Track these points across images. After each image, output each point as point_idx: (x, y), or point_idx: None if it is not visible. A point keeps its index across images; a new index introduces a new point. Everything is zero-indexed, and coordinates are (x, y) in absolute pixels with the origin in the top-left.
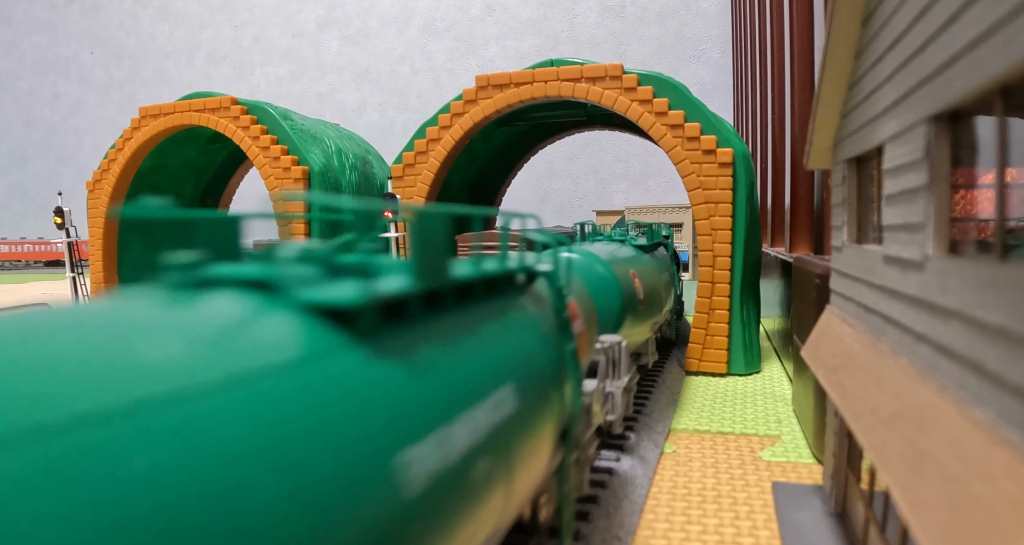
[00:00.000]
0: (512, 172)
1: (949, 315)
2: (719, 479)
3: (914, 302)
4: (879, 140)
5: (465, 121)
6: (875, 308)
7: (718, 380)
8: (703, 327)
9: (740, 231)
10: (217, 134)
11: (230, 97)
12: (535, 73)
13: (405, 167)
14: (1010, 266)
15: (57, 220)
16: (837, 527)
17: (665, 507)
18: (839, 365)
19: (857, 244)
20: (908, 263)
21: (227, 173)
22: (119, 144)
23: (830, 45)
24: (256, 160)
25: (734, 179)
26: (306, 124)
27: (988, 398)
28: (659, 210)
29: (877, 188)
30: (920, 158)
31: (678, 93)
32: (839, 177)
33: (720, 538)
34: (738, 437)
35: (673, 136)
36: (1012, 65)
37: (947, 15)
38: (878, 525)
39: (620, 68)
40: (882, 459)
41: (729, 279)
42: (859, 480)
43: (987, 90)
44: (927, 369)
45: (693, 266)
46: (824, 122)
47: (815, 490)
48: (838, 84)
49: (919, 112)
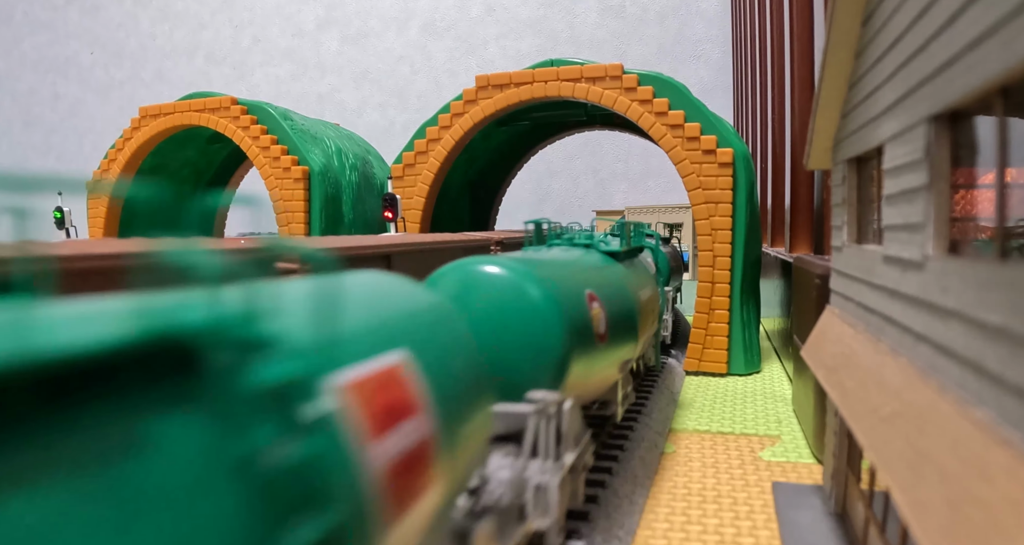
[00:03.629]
0: (512, 172)
1: (949, 315)
2: (719, 479)
3: (914, 302)
4: (879, 140)
5: (465, 121)
6: (875, 308)
7: (718, 380)
8: (703, 327)
9: (740, 231)
10: (217, 134)
11: (230, 97)
12: (535, 73)
13: (405, 167)
14: (1010, 266)
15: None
16: (837, 527)
17: (665, 507)
18: (839, 365)
19: (857, 244)
20: (908, 263)
21: (227, 173)
22: (119, 144)
23: (830, 45)
24: (256, 160)
25: (734, 179)
26: (306, 124)
27: (988, 398)
28: (659, 210)
29: (877, 188)
30: (920, 158)
31: (678, 93)
32: (839, 177)
33: (720, 538)
34: (738, 437)
35: (673, 136)
36: (1012, 65)
37: (947, 15)
38: (878, 525)
39: (620, 68)
40: (882, 459)
41: (729, 279)
42: (859, 480)
43: (987, 90)
44: (927, 369)
45: (693, 266)
46: (824, 122)
47: (815, 490)
48: (838, 84)
49: (919, 112)
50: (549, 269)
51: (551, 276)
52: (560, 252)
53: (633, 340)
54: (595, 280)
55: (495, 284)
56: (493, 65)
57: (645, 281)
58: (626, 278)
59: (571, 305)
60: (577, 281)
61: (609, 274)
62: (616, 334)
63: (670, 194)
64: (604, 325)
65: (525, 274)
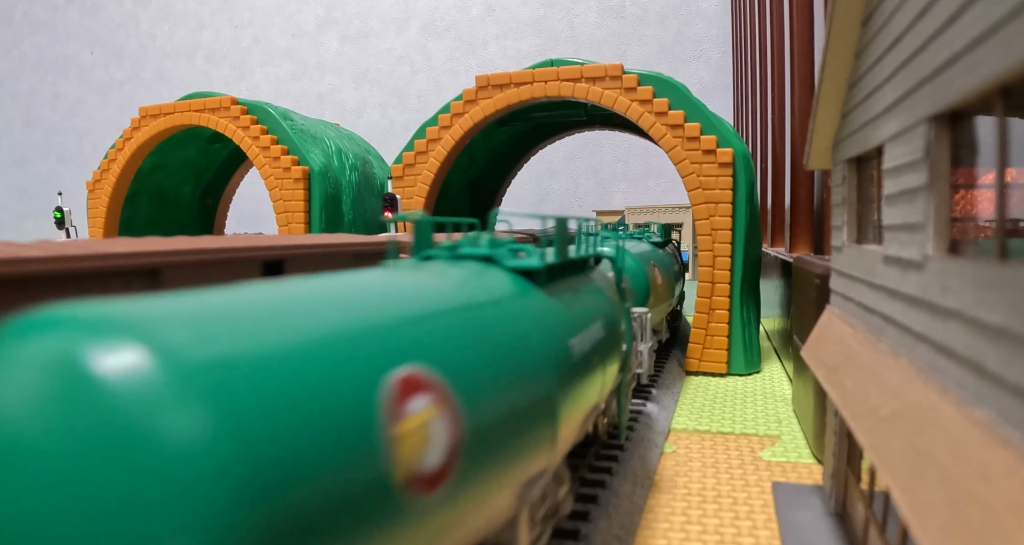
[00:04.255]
0: (512, 172)
1: (949, 315)
2: (719, 479)
3: (914, 302)
4: (879, 140)
5: (465, 121)
6: (875, 308)
7: (718, 380)
8: (703, 327)
9: (740, 231)
10: (217, 134)
11: (230, 97)
12: (535, 73)
13: (405, 167)
14: (1010, 266)
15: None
16: (837, 527)
17: (665, 507)
18: (839, 365)
19: (857, 244)
20: (908, 263)
21: (227, 173)
22: (119, 144)
23: (830, 45)
24: (256, 160)
25: (734, 179)
26: (306, 124)
27: (988, 398)
28: (659, 210)
29: (877, 188)
30: (920, 158)
31: (678, 93)
32: (839, 177)
33: (720, 538)
34: (738, 437)
35: (673, 136)
36: (1012, 65)
37: (947, 15)
38: (878, 525)
39: (620, 68)
40: (882, 459)
41: (729, 279)
42: (859, 480)
43: (987, 90)
44: (927, 369)
45: (693, 266)
46: (824, 122)
47: (815, 490)
48: (838, 84)
49: (919, 112)
50: (633, 247)
51: (636, 251)
52: (627, 240)
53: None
54: (653, 256)
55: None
56: (493, 65)
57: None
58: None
59: (646, 266)
60: (646, 255)
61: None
62: (665, 288)
63: (670, 194)
64: (660, 280)
65: (624, 250)
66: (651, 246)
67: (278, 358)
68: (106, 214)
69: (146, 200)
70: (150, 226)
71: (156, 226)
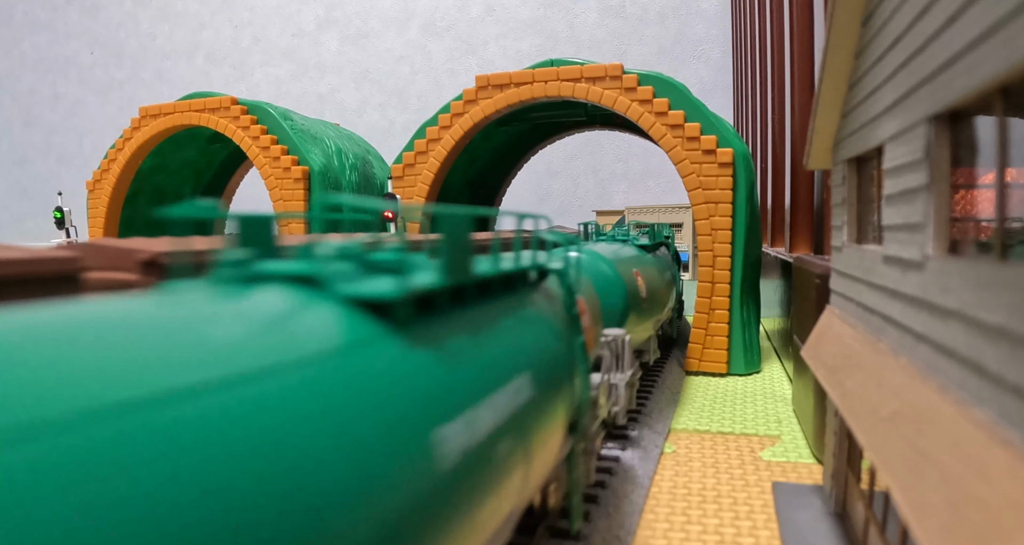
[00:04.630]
0: (512, 172)
1: (949, 315)
2: (719, 479)
3: (914, 302)
4: (879, 140)
5: (465, 121)
6: (875, 308)
7: (718, 380)
8: (703, 327)
9: (740, 231)
10: (217, 134)
11: (230, 97)
12: (535, 73)
13: (405, 167)
14: (1010, 266)
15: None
16: (837, 527)
17: (665, 507)
18: (839, 365)
19: (857, 244)
20: (908, 263)
21: (227, 173)
22: (119, 144)
23: (830, 45)
24: (256, 160)
25: (734, 179)
26: (306, 124)
27: (988, 398)
28: (659, 210)
29: (877, 188)
30: (920, 158)
31: (678, 93)
32: (839, 177)
33: (720, 538)
34: (738, 437)
35: (673, 136)
36: (1012, 65)
37: (947, 15)
38: (878, 525)
39: (620, 68)
40: (882, 459)
41: (729, 279)
42: (859, 480)
43: (987, 90)
44: (927, 369)
45: (693, 266)
46: (824, 122)
47: (815, 490)
48: (838, 84)
49: (919, 112)
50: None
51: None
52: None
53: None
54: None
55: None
56: (493, 65)
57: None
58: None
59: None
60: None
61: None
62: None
63: (670, 194)
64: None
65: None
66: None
67: (617, 258)
68: (106, 214)
69: (146, 200)
70: (150, 226)
71: (156, 226)
